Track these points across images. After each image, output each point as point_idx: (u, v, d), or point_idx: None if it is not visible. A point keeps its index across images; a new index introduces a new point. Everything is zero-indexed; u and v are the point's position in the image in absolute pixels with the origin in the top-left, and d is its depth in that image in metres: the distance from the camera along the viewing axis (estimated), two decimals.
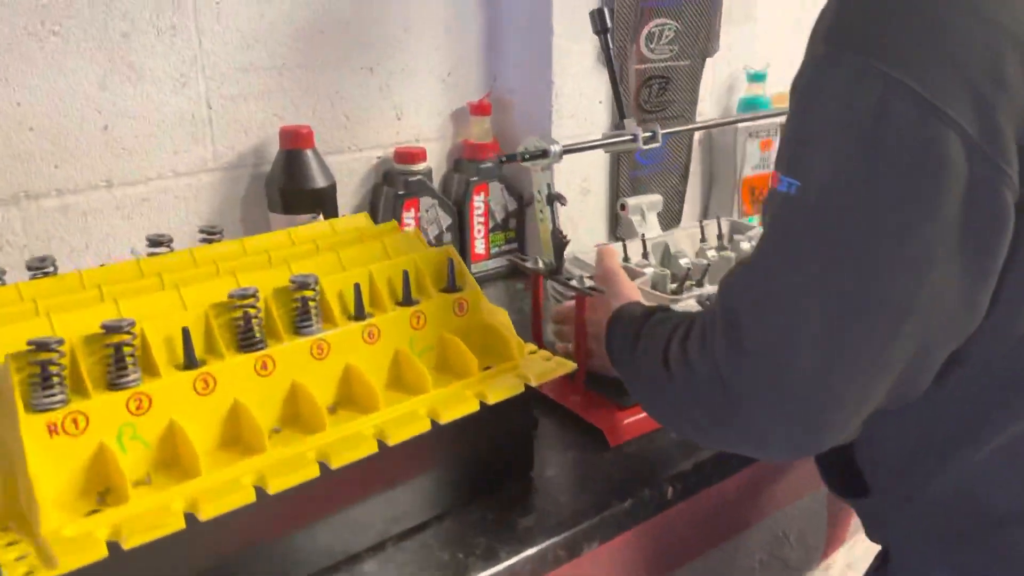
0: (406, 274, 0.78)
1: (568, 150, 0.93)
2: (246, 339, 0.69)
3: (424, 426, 0.70)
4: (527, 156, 0.90)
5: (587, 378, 0.93)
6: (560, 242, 0.94)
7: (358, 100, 1.23)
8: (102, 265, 0.78)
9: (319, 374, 0.72)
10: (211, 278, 0.75)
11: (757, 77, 1.50)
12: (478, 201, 1.34)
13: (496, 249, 1.38)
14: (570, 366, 0.80)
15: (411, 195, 1.25)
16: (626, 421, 0.90)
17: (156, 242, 0.82)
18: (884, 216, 0.55)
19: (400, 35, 1.25)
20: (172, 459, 0.64)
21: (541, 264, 0.96)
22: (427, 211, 1.28)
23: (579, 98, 1.32)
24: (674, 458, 0.87)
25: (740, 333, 0.60)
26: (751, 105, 1.51)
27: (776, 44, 1.70)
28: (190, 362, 0.66)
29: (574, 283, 0.91)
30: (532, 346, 0.83)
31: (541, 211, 0.93)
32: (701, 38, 1.42)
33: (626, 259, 1.09)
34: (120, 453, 0.61)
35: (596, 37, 1.31)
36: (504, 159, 0.92)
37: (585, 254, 1.10)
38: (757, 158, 1.52)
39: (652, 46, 1.37)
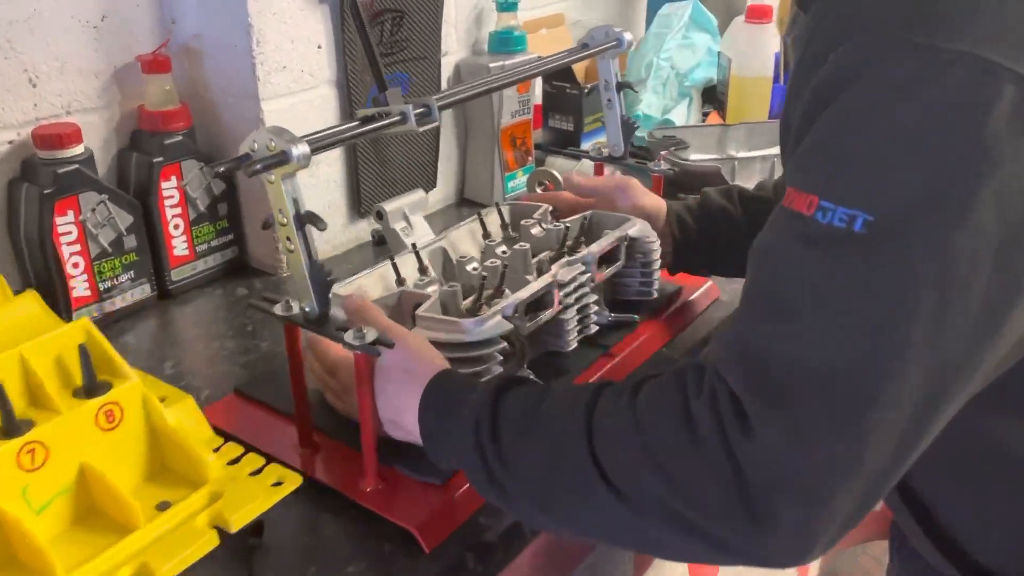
0: (1, 390, 0.48)
1: (317, 147, 0.63)
2: None
3: None
4: (260, 166, 0.59)
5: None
6: (323, 280, 0.65)
7: None
8: None
9: None
10: None
11: (509, 6, 1.26)
12: (168, 188, 1.01)
13: (205, 246, 1.07)
14: (296, 482, 0.54)
15: (65, 193, 0.90)
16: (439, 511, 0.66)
17: None
18: (1009, 244, 0.46)
19: None
20: None
21: (297, 310, 0.67)
22: (93, 211, 0.93)
23: (290, 44, 1.01)
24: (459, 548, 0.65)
25: (797, 418, 0.48)
26: (505, 40, 1.27)
27: None
28: None
29: (349, 339, 0.63)
30: (236, 447, 0.56)
31: (289, 239, 0.64)
32: None
33: (400, 280, 0.82)
34: None
35: None
36: (219, 170, 0.61)
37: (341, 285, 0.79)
38: (516, 103, 1.30)
39: None
